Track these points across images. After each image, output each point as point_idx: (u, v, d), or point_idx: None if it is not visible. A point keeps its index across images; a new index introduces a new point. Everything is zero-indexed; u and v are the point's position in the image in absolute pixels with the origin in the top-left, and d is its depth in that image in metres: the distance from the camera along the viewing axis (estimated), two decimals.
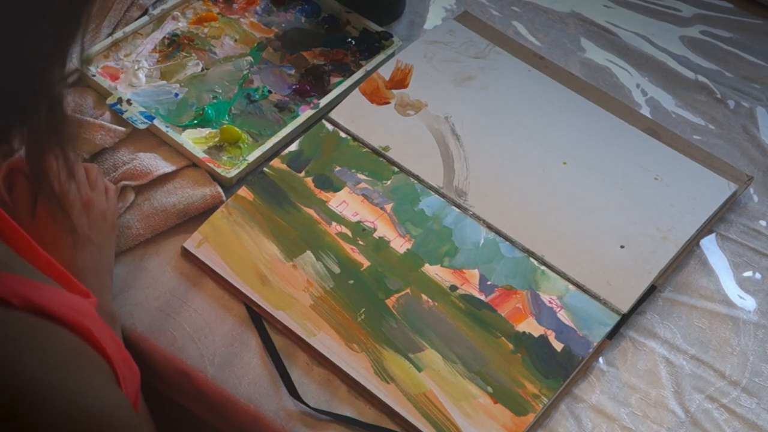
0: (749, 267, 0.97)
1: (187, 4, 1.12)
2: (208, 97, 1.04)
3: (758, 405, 0.87)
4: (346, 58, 1.09)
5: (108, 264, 0.89)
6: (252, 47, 1.09)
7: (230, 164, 0.98)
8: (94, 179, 0.91)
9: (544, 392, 0.85)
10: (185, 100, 1.03)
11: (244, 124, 1.02)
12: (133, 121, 0.99)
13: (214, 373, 0.87)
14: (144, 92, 1.03)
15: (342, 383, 0.87)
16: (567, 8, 1.19)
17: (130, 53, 1.06)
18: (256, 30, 1.11)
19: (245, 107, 1.03)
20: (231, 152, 0.99)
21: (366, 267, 0.92)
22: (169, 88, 1.04)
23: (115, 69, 1.05)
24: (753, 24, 1.19)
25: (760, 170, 1.04)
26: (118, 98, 1.00)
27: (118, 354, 0.68)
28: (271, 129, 1.02)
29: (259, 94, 1.05)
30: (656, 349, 0.90)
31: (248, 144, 1.00)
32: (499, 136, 1.02)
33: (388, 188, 0.98)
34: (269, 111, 1.03)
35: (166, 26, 1.09)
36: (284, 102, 1.04)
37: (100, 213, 0.89)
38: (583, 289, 0.92)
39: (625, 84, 1.11)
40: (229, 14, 1.12)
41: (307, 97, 1.05)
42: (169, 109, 1.02)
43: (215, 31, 1.10)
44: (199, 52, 1.08)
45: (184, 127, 1.01)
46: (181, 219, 0.95)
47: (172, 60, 1.07)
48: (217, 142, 1.00)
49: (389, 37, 1.10)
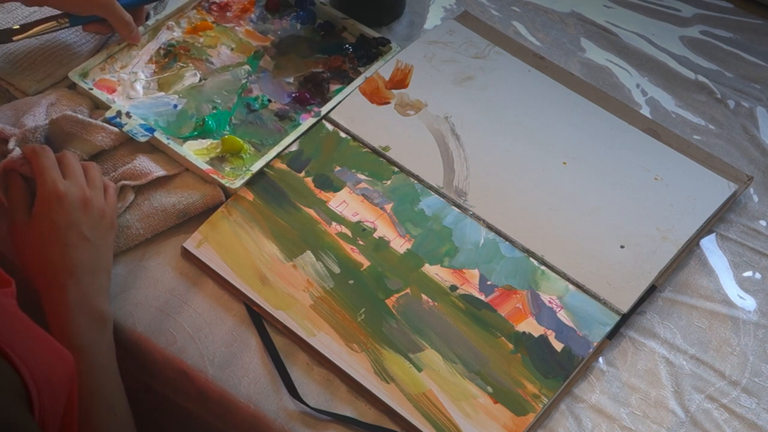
0: (749, 267, 0.97)
1: (182, 14, 1.10)
2: (208, 108, 1.03)
3: (758, 405, 0.87)
4: (344, 64, 1.08)
5: (105, 263, 0.88)
6: (249, 56, 1.08)
7: (234, 175, 0.97)
8: (93, 177, 0.91)
9: (544, 392, 0.85)
10: (184, 111, 1.02)
11: (246, 134, 1.01)
12: (133, 134, 0.97)
13: (214, 373, 0.87)
14: (143, 104, 1.02)
15: (342, 383, 0.87)
16: (567, 8, 1.19)
17: (126, 65, 1.05)
18: (252, 38, 1.10)
19: (245, 117, 1.03)
20: (233, 163, 0.99)
21: (366, 267, 0.92)
22: (167, 99, 1.03)
23: (112, 81, 1.04)
24: (753, 24, 1.19)
25: (760, 170, 1.04)
26: (117, 111, 0.99)
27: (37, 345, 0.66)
28: (272, 138, 1.01)
29: (258, 103, 1.04)
30: (656, 349, 0.91)
31: (250, 154, 0.99)
32: (499, 136, 1.02)
33: (388, 188, 0.98)
34: (270, 120, 1.03)
35: (161, 36, 1.08)
36: (285, 111, 1.03)
37: (98, 212, 0.88)
38: (583, 289, 0.92)
39: (625, 84, 1.11)
40: (224, 23, 1.11)
41: (308, 105, 1.04)
42: (168, 120, 1.01)
43: (211, 40, 1.09)
44: (196, 61, 1.07)
45: (185, 139, 1.00)
46: (180, 219, 0.95)
47: (168, 71, 1.06)
48: (219, 153, 0.99)
49: (387, 42, 1.09)
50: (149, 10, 1.11)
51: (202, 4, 1.12)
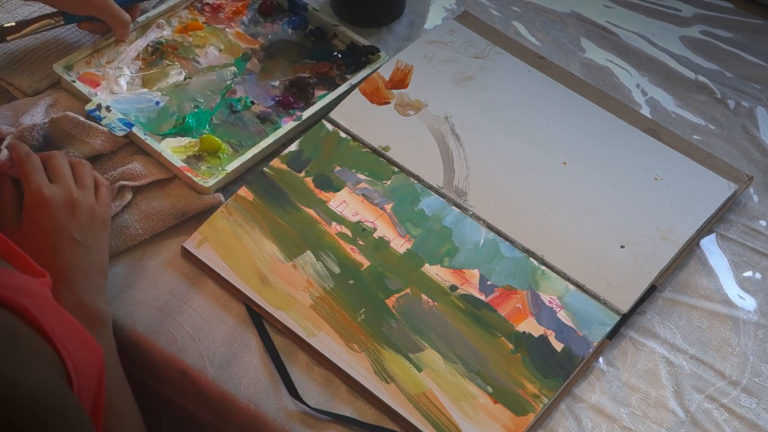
0: (749, 267, 0.97)
1: (173, 13, 1.10)
2: (190, 106, 1.02)
3: (758, 405, 0.87)
4: (331, 71, 1.07)
5: (99, 263, 0.87)
6: (237, 57, 1.08)
7: (208, 174, 0.96)
8: (82, 176, 0.90)
9: (544, 392, 0.85)
10: (166, 109, 1.02)
11: (225, 135, 1.01)
12: (111, 128, 0.97)
13: (214, 373, 0.87)
14: (124, 99, 1.02)
15: (342, 383, 0.87)
16: (567, 8, 1.19)
17: (113, 60, 1.05)
18: (242, 40, 1.10)
19: (227, 117, 1.02)
20: (210, 162, 0.98)
21: (366, 267, 0.92)
22: (150, 96, 1.03)
23: (97, 75, 1.03)
24: (753, 24, 1.19)
25: (760, 170, 1.04)
26: (97, 104, 0.99)
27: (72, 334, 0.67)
28: (252, 140, 1.00)
29: (241, 104, 1.03)
30: (656, 349, 0.91)
31: (228, 154, 0.99)
32: (499, 136, 1.02)
33: (388, 188, 0.98)
34: (251, 122, 1.02)
35: (150, 34, 1.08)
36: (267, 113, 1.03)
37: (87, 212, 0.87)
38: (583, 289, 0.92)
39: (625, 84, 1.11)
40: (215, 24, 1.11)
41: (290, 109, 1.03)
42: (149, 117, 1.01)
43: (200, 40, 1.09)
44: (183, 60, 1.06)
45: (164, 136, 0.99)
46: (179, 219, 0.95)
47: (154, 68, 1.05)
48: (196, 151, 0.99)
49: (376, 51, 1.08)
50: (148, 5, 1.11)
51: (194, 5, 1.12)
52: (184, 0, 1.11)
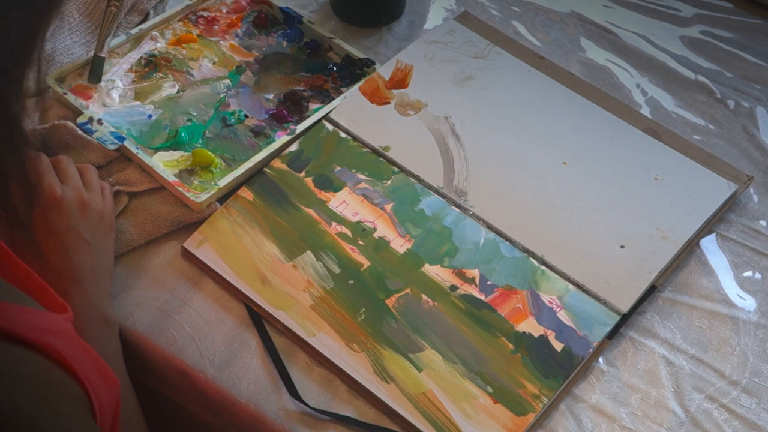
0: (749, 267, 0.97)
1: (167, 25, 1.10)
2: (183, 120, 1.01)
3: (758, 405, 0.87)
4: (326, 84, 1.07)
5: (107, 266, 0.88)
6: (231, 70, 1.07)
7: (201, 189, 0.95)
8: (90, 180, 0.90)
9: (544, 392, 0.85)
10: (158, 122, 1.01)
11: (218, 148, 0.99)
12: (102, 142, 0.96)
13: (214, 373, 0.87)
14: (116, 112, 1.01)
15: (342, 383, 0.87)
16: (567, 8, 1.19)
17: (105, 72, 1.04)
18: (236, 53, 1.09)
19: (220, 131, 1.01)
20: (203, 176, 0.97)
21: (366, 267, 0.92)
22: (142, 109, 1.02)
23: (89, 88, 1.02)
24: (753, 24, 1.19)
25: (760, 170, 1.04)
26: (88, 117, 0.98)
27: (93, 369, 0.66)
28: (245, 154, 0.99)
29: (235, 118, 1.02)
30: (656, 349, 0.91)
31: (221, 168, 0.98)
32: (499, 136, 1.02)
33: (388, 188, 0.98)
34: (244, 135, 1.01)
35: (143, 46, 1.07)
36: (260, 127, 1.02)
37: (96, 214, 0.88)
38: (583, 289, 0.92)
39: (625, 84, 1.11)
40: (210, 36, 1.10)
41: (284, 123, 1.02)
42: (141, 130, 1.00)
43: (194, 52, 1.08)
44: (176, 73, 1.06)
45: (156, 150, 0.98)
46: (174, 227, 0.94)
47: (147, 81, 1.05)
48: (188, 165, 0.97)
49: (371, 64, 1.08)
50: (149, 9, 1.11)
51: (189, 17, 1.11)
52: (179, 12, 1.10)
